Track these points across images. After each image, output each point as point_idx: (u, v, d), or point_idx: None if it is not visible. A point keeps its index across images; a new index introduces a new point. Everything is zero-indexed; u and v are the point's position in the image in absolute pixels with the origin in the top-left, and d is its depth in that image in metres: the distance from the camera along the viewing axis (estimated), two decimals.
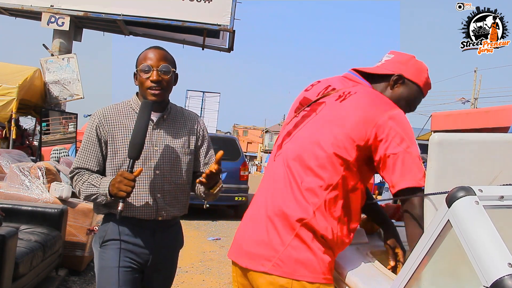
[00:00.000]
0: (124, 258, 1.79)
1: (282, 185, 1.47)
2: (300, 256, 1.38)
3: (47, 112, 8.01)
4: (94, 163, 1.83)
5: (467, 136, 1.29)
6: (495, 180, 1.26)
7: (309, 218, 1.39)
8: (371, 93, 1.52)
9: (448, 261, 1.13)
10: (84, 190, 1.78)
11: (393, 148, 1.36)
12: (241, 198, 8.62)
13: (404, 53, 1.63)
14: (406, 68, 1.57)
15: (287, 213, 1.41)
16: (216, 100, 16.92)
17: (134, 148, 1.72)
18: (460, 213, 1.00)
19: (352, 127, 1.41)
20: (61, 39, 8.49)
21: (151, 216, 1.82)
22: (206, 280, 4.61)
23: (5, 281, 2.68)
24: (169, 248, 1.92)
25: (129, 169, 1.72)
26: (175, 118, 1.92)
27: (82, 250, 4.10)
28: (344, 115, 1.44)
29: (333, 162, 1.41)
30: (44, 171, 4.32)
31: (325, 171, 1.41)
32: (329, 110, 1.50)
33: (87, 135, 1.85)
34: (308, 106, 1.58)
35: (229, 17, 8.51)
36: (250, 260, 1.46)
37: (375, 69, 1.60)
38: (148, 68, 1.79)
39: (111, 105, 1.90)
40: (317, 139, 1.45)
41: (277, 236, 1.42)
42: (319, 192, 1.40)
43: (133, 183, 1.68)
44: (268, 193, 1.51)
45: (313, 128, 1.49)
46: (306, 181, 1.42)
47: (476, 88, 22.88)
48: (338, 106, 1.49)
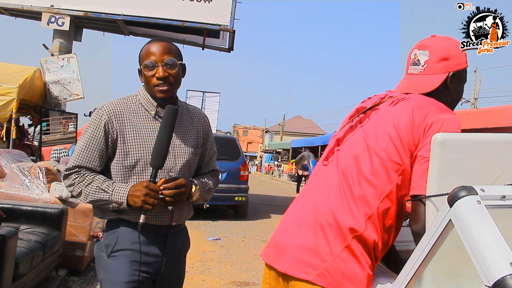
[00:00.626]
0: (135, 272, 1.67)
1: (336, 193, 1.41)
2: (348, 268, 1.32)
3: (47, 112, 8.01)
4: (97, 163, 1.69)
5: (469, 136, 1.28)
6: (497, 180, 1.25)
7: (361, 230, 1.33)
8: (424, 98, 1.47)
9: (449, 261, 1.13)
10: (91, 194, 1.66)
11: (425, 151, 1.32)
12: (241, 198, 8.61)
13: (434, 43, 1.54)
14: (452, 62, 1.51)
15: (340, 222, 1.35)
16: (216, 100, 16.90)
17: (158, 157, 1.62)
18: (462, 212, 1.00)
19: (403, 131, 1.36)
20: (61, 39, 8.50)
21: (166, 221, 1.72)
22: (206, 280, 4.60)
23: (5, 281, 2.67)
24: (179, 253, 1.83)
25: (152, 179, 1.62)
26: (182, 116, 1.82)
27: (82, 250, 4.10)
28: (395, 119, 1.40)
29: (387, 169, 1.36)
30: (44, 171, 4.31)
31: (379, 178, 1.36)
32: (382, 114, 1.46)
33: (92, 131, 1.69)
34: (363, 112, 1.53)
35: (229, 17, 8.51)
36: (293, 266, 1.38)
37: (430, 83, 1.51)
38: (152, 64, 1.67)
39: (118, 100, 1.76)
40: (369, 145, 1.41)
41: (326, 245, 1.35)
42: (372, 201, 1.35)
43: (159, 195, 1.61)
44: (319, 199, 1.44)
45: (366, 134, 1.45)
46: (359, 188, 1.37)
47: (476, 88, 22.89)
48: (390, 111, 1.45)
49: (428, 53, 1.53)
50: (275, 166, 31.91)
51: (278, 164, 32.76)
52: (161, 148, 1.63)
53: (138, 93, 1.79)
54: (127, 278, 1.66)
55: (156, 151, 1.63)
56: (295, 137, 40.31)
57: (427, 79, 1.52)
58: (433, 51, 1.53)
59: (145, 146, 1.70)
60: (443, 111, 1.38)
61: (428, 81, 1.52)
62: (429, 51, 1.53)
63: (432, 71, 1.52)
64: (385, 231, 1.38)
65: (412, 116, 1.37)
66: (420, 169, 1.33)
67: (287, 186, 22.10)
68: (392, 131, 1.39)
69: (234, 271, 5.07)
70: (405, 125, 1.37)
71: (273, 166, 32.43)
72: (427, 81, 1.52)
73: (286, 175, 27.72)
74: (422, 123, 1.35)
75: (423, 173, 1.32)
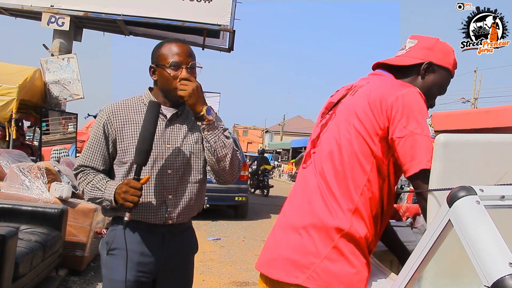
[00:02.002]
0: (131, 272, 1.67)
1: (316, 195, 1.40)
2: (337, 268, 1.32)
3: (47, 112, 8.00)
4: (99, 162, 1.73)
5: (473, 137, 1.27)
6: (500, 181, 1.25)
7: (347, 227, 1.33)
8: (381, 79, 1.47)
9: (449, 261, 1.13)
10: (89, 192, 1.71)
11: (399, 131, 1.30)
12: (241, 198, 8.61)
13: (428, 37, 1.55)
14: (433, 53, 1.50)
15: (324, 223, 1.35)
16: (216, 100, 16.86)
17: (140, 154, 1.61)
18: (461, 212, 1.00)
19: (364, 118, 1.35)
20: (61, 39, 8.49)
21: (161, 220, 1.71)
22: (206, 280, 4.60)
23: (5, 281, 2.68)
24: (181, 254, 1.79)
25: (135, 176, 1.61)
26: (188, 115, 1.81)
27: (82, 250, 4.10)
28: (355, 108, 1.39)
29: (359, 160, 1.35)
30: (44, 171, 4.32)
31: (353, 171, 1.36)
32: (344, 106, 1.46)
33: (94, 132, 1.75)
34: (331, 109, 1.53)
35: (229, 17, 8.51)
36: (283, 272, 1.38)
37: (402, 60, 1.53)
38: (178, 65, 1.68)
39: (121, 101, 1.79)
40: (338, 140, 1.40)
41: (313, 247, 1.35)
42: (352, 195, 1.35)
43: (140, 192, 1.59)
44: (302, 202, 1.45)
45: (333, 129, 1.45)
46: (338, 186, 1.37)
47: (476, 88, 22.89)
48: (350, 101, 1.44)
49: (416, 41, 1.54)
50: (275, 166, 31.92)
51: (278, 164, 32.76)
52: (143, 146, 1.62)
53: (143, 94, 1.81)
54: (124, 277, 1.67)
55: (138, 148, 1.62)
56: (295, 137, 40.31)
57: (404, 58, 1.53)
58: (420, 40, 1.54)
59: None
60: (398, 88, 1.37)
61: (403, 59, 1.53)
62: (418, 40, 1.54)
63: (411, 54, 1.52)
64: (372, 221, 1.37)
65: (369, 100, 1.37)
66: (404, 149, 1.30)
67: (287, 186, 22.10)
68: (354, 121, 1.38)
69: (234, 271, 5.07)
70: (364, 111, 1.36)
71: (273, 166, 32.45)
72: (403, 59, 1.53)
73: (286, 175, 27.71)
74: (381, 105, 1.34)
75: (407, 151, 1.30)
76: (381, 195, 1.38)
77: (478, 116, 1.53)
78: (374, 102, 1.36)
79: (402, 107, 1.32)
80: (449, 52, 1.53)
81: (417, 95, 1.36)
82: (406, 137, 1.30)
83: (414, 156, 1.29)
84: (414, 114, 1.32)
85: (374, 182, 1.36)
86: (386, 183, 1.39)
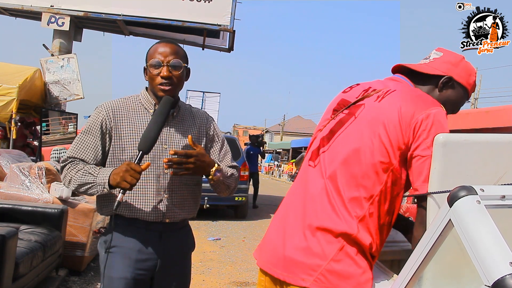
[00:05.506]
0: (129, 269, 1.70)
1: (322, 197, 1.39)
2: (344, 270, 1.31)
3: (47, 112, 8.00)
4: (91, 155, 1.72)
5: (472, 136, 1.27)
6: (499, 181, 1.25)
7: (354, 233, 1.32)
8: (411, 90, 1.45)
9: (449, 261, 1.13)
10: (78, 179, 1.66)
11: (421, 150, 1.30)
12: (241, 198, 8.61)
13: (454, 53, 1.54)
14: (456, 70, 1.50)
15: (331, 226, 1.34)
16: (216, 100, 16.88)
17: (146, 141, 1.62)
18: (462, 212, 1.00)
19: (392, 130, 1.34)
20: (61, 39, 8.49)
21: (158, 218, 1.73)
22: (206, 280, 4.60)
23: (5, 281, 2.67)
24: (178, 252, 1.82)
25: (137, 161, 1.61)
26: (184, 116, 1.85)
27: (82, 250, 4.10)
28: (383, 118, 1.37)
29: (377, 170, 1.34)
30: (44, 171, 4.31)
31: (368, 180, 1.34)
32: (368, 112, 1.42)
33: (89, 125, 1.74)
34: (347, 108, 1.49)
35: (229, 17, 8.51)
36: (289, 274, 1.37)
37: (424, 68, 1.51)
38: (158, 64, 1.72)
39: (119, 99, 1.81)
40: (358, 146, 1.38)
41: (319, 249, 1.34)
42: (363, 203, 1.34)
43: (139, 175, 1.59)
44: (306, 203, 1.43)
45: (353, 134, 1.42)
46: (349, 191, 1.35)
47: (476, 88, 22.89)
48: (376, 107, 1.41)
49: (441, 54, 1.54)
50: (275, 166, 31.88)
51: (278, 164, 32.73)
52: (149, 133, 1.64)
53: (140, 94, 1.84)
54: (122, 274, 1.70)
55: (144, 136, 1.64)
56: (295, 137, 40.30)
57: (426, 66, 1.52)
58: (446, 54, 1.54)
59: None
60: (430, 105, 1.36)
61: (425, 67, 1.52)
62: (443, 53, 1.54)
63: (435, 65, 1.52)
64: (378, 230, 1.37)
65: (400, 113, 1.35)
66: (419, 168, 1.31)
67: (287, 186, 22.09)
68: (381, 131, 1.36)
69: (234, 271, 5.06)
70: (393, 124, 1.35)
71: (273, 166, 32.40)
72: (424, 67, 1.52)
73: (286, 175, 27.70)
74: (411, 121, 1.33)
75: (423, 171, 1.30)
76: (391, 207, 1.38)
77: (478, 116, 1.52)
78: (405, 117, 1.34)
79: (430, 127, 1.31)
80: (471, 73, 1.53)
81: (445, 117, 1.36)
82: (426, 157, 1.30)
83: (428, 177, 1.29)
84: None
85: (387, 194, 1.36)
86: (398, 196, 1.39)
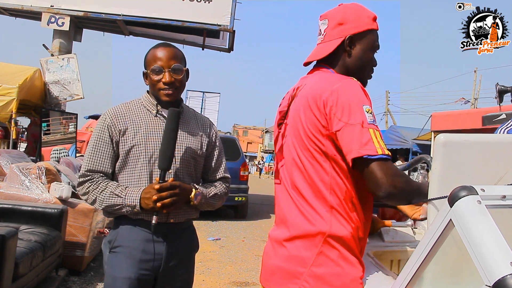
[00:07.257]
0: (133, 270, 1.71)
1: (291, 207, 1.42)
2: (325, 272, 1.32)
3: (47, 112, 8.01)
4: (108, 165, 1.75)
5: (473, 137, 1.27)
6: (500, 181, 1.25)
7: (327, 229, 1.33)
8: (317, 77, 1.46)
9: (450, 261, 1.13)
10: (104, 200, 1.71)
11: (335, 125, 1.30)
12: (241, 198, 8.62)
13: (334, 10, 1.52)
14: (347, 26, 1.47)
15: (305, 231, 1.36)
16: (216, 100, 16.89)
17: (165, 159, 1.68)
18: (462, 212, 1.00)
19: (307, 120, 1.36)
20: (61, 39, 8.50)
21: (163, 218, 1.74)
22: (206, 280, 4.60)
23: (5, 281, 2.68)
24: (183, 253, 1.83)
25: (161, 180, 1.68)
26: (188, 119, 1.87)
27: (82, 250, 4.10)
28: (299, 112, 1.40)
29: (318, 161, 1.36)
30: (44, 171, 4.31)
31: (317, 172, 1.36)
32: (291, 113, 1.46)
33: (97, 135, 1.76)
34: (284, 117, 1.52)
35: (229, 17, 8.51)
36: (277, 286, 1.39)
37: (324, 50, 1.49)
38: (159, 69, 1.73)
39: (121, 104, 1.83)
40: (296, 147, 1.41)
41: (299, 257, 1.36)
42: (325, 195, 1.35)
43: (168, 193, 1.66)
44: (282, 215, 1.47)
45: (291, 138, 1.45)
46: (309, 192, 1.38)
47: (476, 88, 22.88)
48: (294, 106, 1.45)
49: (327, 21, 1.52)
50: None
51: None
52: (166, 151, 1.69)
53: (141, 97, 1.86)
54: (126, 274, 1.70)
55: (162, 153, 1.69)
56: None
57: (324, 46, 1.50)
58: (330, 18, 1.51)
59: (147, 141, 1.75)
60: (334, 83, 1.35)
61: (324, 47, 1.50)
62: (327, 19, 1.52)
63: (329, 38, 1.50)
64: (353, 215, 1.36)
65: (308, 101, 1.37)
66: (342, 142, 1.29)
67: None
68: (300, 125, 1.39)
69: (234, 271, 5.07)
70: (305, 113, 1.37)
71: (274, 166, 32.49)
72: (324, 48, 1.50)
73: None
74: (319, 103, 1.33)
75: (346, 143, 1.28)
76: (351, 189, 1.37)
77: (478, 116, 1.52)
78: (312, 102, 1.35)
79: (336, 101, 1.30)
80: (360, 14, 1.49)
81: (350, 86, 1.34)
82: (342, 129, 1.28)
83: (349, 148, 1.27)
84: (348, 105, 1.29)
85: (339, 178, 1.35)
86: (350, 176, 1.37)
